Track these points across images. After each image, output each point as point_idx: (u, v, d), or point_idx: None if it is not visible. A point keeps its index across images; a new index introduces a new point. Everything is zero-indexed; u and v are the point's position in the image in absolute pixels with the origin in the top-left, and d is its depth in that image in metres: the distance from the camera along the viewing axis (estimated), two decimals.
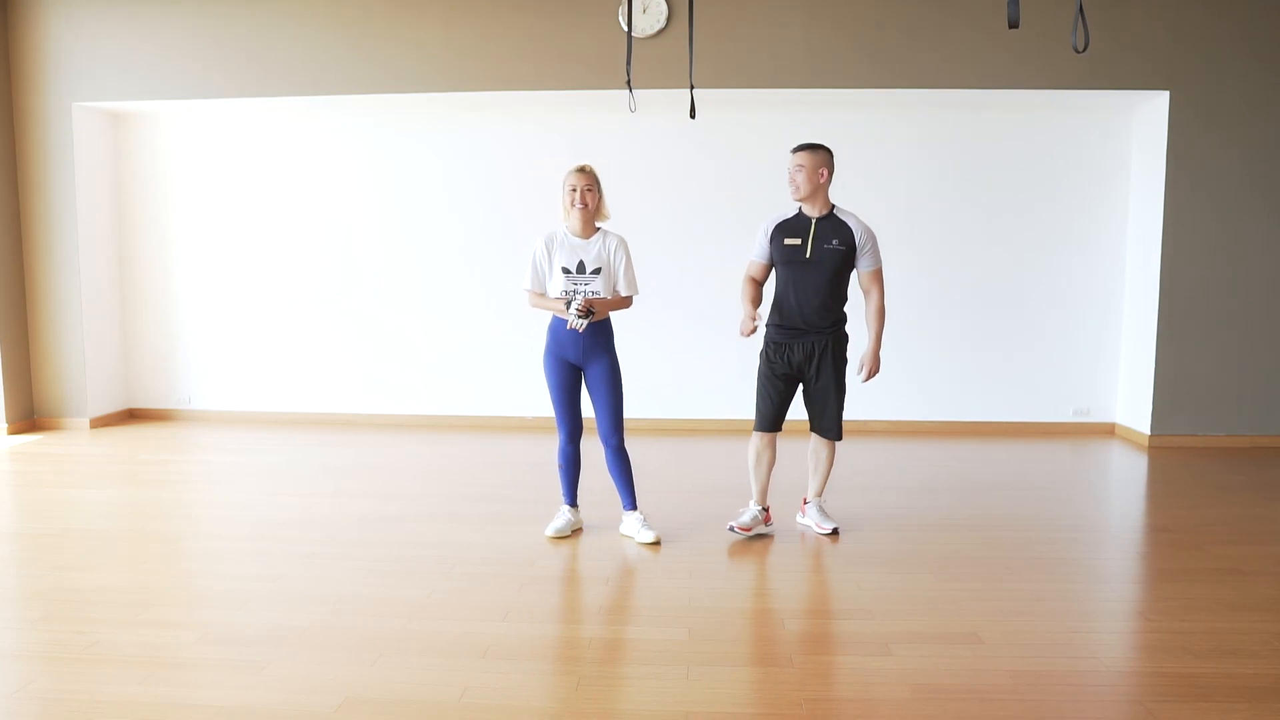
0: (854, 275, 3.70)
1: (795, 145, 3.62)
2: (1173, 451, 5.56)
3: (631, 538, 3.72)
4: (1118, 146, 5.99)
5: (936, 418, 6.19)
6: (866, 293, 3.67)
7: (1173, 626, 2.85)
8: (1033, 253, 6.08)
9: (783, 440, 3.97)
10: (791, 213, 3.66)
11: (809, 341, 3.62)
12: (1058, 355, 6.15)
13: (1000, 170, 6.04)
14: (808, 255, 3.57)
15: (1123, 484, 4.94)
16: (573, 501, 3.83)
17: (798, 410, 3.83)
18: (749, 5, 5.47)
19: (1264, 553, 3.58)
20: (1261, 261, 5.60)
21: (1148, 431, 5.74)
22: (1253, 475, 4.93)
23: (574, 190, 3.54)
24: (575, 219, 3.57)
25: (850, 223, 3.58)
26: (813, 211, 3.60)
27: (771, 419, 3.74)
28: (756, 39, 5.49)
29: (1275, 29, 5.42)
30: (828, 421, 3.69)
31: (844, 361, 3.69)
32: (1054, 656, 2.63)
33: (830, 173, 3.57)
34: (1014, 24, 2.24)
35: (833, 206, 3.62)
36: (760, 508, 3.84)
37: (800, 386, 3.75)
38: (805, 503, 3.92)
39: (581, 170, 3.57)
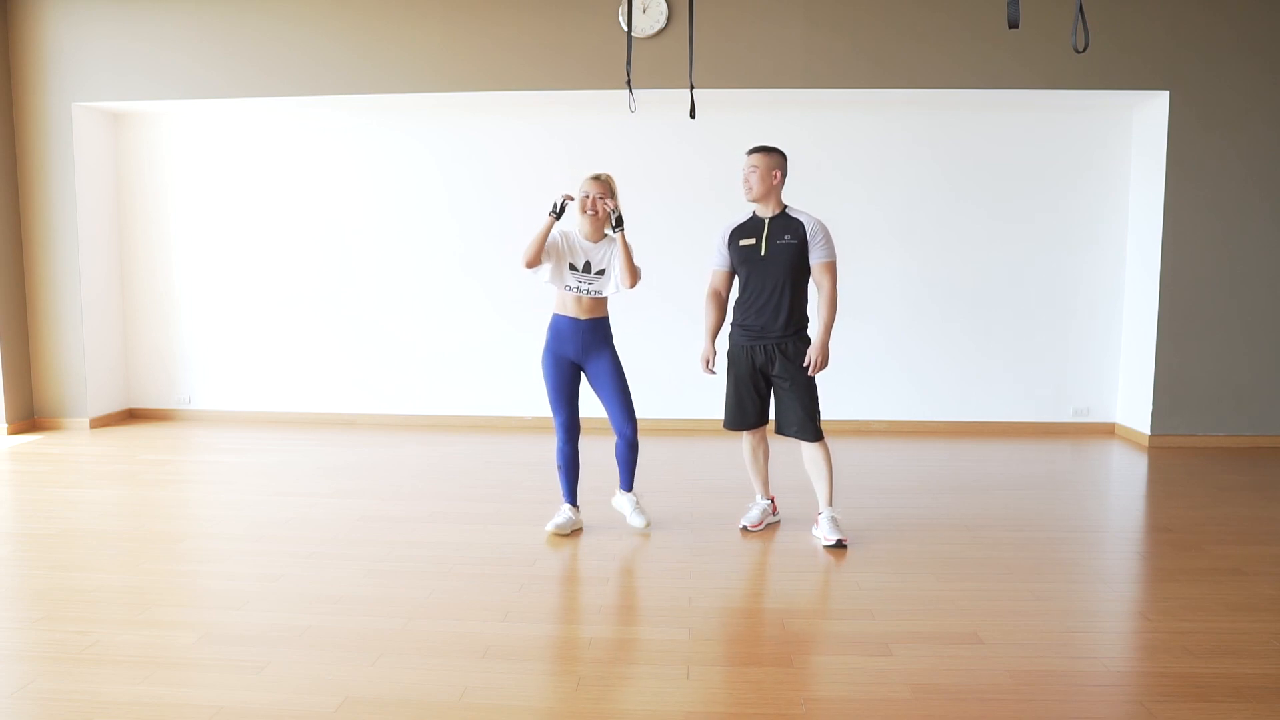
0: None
1: (750, 148, 3.69)
2: (1173, 451, 5.56)
3: (622, 515, 3.83)
4: (1118, 146, 5.99)
5: (936, 418, 6.19)
6: (818, 285, 3.65)
7: (1173, 626, 2.85)
8: (1032, 253, 6.08)
9: (776, 437, 3.95)
10: (745, 217, 3.74)
11: (770, 344, 3.66)
12: (1058, 355, 6.15)
13: (1000, 170, 6.04)
14: (763, 253, 3.63)
15: (1123, 484, 4.94)
16: (573, 501, 3.84)
17: None
18: (749, 5, 5.47)
19: (1264, 553, 3.58)
20: (1261, 261, 5.60)
21: (1148, 431, 5.74)
22: (1253, 475, 4.93)
23: (586, 197, 3.62)
24: (586, 223, 3.68)
25: (801, 218, 3.64)
26: (765, 212, 3.68)
27: (748, 420, 3.78)
28: (756, 39, 5.49)
29: (1275, 29, 5.42)
30: (798, 422, 3.65)
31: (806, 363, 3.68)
32: (1054, 656, 2.63)
33: (783, 175, 3.66)
34: (1014, 24, 2.24)
35: (785, 206, 3.68)
36: (766, 500, 3.91)
37: (770, 389, 3.77)
38: (818, 514, 3.77)
39: (596, 178, 3.64)
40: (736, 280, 3.81)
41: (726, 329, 3.88)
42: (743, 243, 3.70)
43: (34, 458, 5.29)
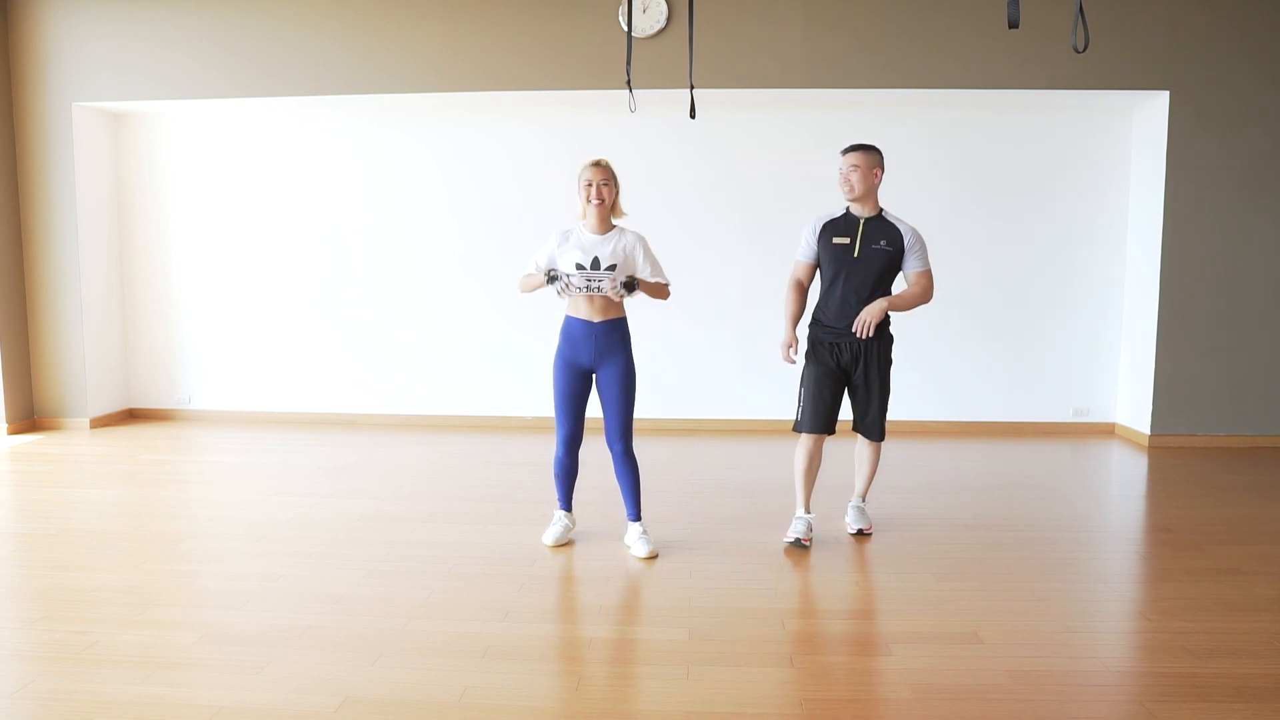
0: (899, 278, 3.67)
1: (847, 146, 3.60)
2: (1173, 451, 5.56)
3: (629, 549, 3.61)
4: (1118, 146, 5.99)
5: (936, 418, 6.19)
6: (915, 285, 3.61)
7: (1173, 626, 2.85)
8: (1032, 252, 6.08)
9: (782, 441, 3.94)
10: (839, 212, 3.65)
11: (856, 341, 3.59)
12: (1058, 355, 6.15)
13: (1000, 170, 6.04)
14: (856, 254, 3.55)
15: (1123, 484, 4.94)
16: (568, 507, 3.73)
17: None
18: (749, 5, 5.47)
19: (1264, 553, 3.58)
20: (1261, 261, 5.60)
21: (1148, 431, 5.74)
22: (1253, 475, 4.93)
23: (589, 185, 3.41)
24: (592, 215, 3.44)
25: (899, 226, 3.57)
26: (862, 212, 3.59)
27: (823, 420, 3.63)
28: (756, 39, 5.49)
29: (1275, 29, 5.42)
30: (870, 421, 3.67)
31: (889, 362, 3.66)
32: (1054, 656, 2.63)
33: (882, 173, 3.59)
34: (1014, 24, 2.24)
35: (881, 209, 3.61)
36: (811, 515, 3.73)
37: (847, 387, 3.69)
38: (850, 503, 3.94)
39: (597, 164, 3.44)
40: (819, 274, 3.72)
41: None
42: (836, 240, 3.59)
43: (34, 458, 5.29)
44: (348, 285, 6.40)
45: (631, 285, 3.41)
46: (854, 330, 3.53)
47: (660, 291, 3.55)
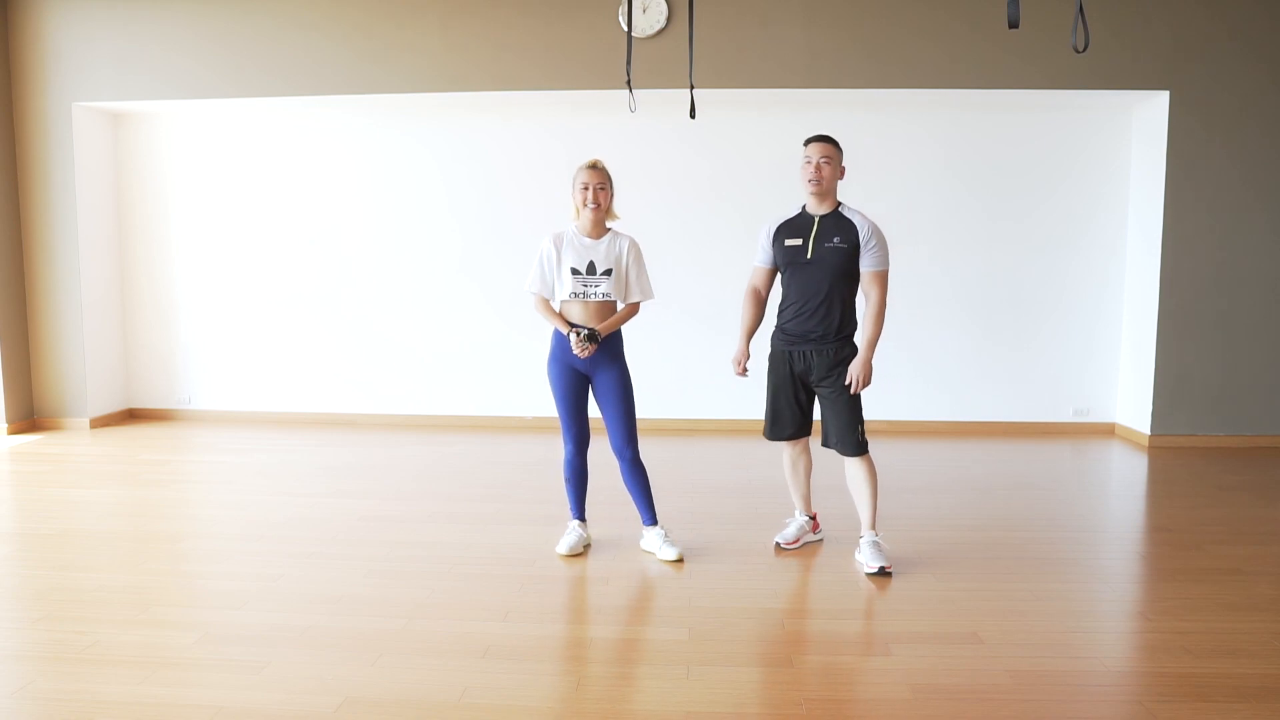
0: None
1: (812, 136, 3.37)
2: (1173, 451, 5.56)
3: (653, 554, 3.53)
4: (1118, 146, 5.99)
5: (936, 418, 6.19)
6: (866, 295, 3.36)
7: (1173, 626, 2.85)
8: (1032, 252, 6.08)
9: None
10: (793, 212, 3.45)
11: (809, 350, 3.38)
12: (1058, 355, 6.15)
13: (1000, 170, 6.04)
14: (808, 255, 3.33)
15: (1123, 484, 4.94)
16: (581, 516, 3.64)
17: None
18: (749, 5, 5.47)
19: (1264, 553, 3.58)
20: (1260, 261, 5.60)
21: (1148, 431, 5.74)
22: (1252, 475, 4.93)
23: (585, 188, 3.38)
24: (586, 218, 3.42)
25: (855, 219, 3.32)
26: (818, 209, 3.37)
27: (784, 429, 3.53)
28: (756, 39, 5.49)
29: (1275, 30, 5.42)
30: (837, 435, 3.38)
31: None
32: (1054, 656, 2.63)
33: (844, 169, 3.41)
34: (1014, 24, 2.24)
35: (839, 204, 3.38)
36: (805, 516, 3.66)
37: (812, 398, 3.50)
38: (860, 538, 3.49)
39: (594, 167, 3.41)
40: (779, 278, 3.52)
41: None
42: (788, 242, 3.38)
43: (34, 458, 5.29)
44: (347, 285, 6.40)
45: (594, 336, 3.34)
46: (848, 386, 3.34)
47: (628, 316, 3.49)
